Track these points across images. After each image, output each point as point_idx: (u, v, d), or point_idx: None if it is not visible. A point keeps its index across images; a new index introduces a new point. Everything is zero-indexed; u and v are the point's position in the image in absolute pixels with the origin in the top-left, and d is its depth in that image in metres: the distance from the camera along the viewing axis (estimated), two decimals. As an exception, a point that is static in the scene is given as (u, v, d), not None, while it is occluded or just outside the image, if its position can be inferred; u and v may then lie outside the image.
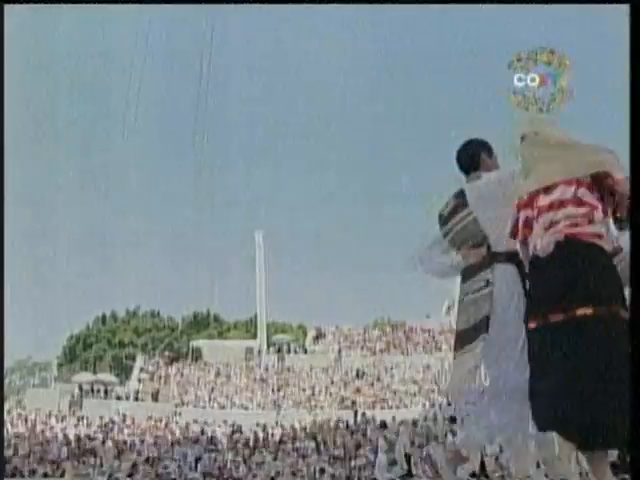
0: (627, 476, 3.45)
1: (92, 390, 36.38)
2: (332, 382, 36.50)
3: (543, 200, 3.39)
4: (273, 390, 36.21)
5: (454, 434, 15.67)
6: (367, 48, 47.22)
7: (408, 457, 16.80)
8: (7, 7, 3.84)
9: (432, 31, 49.49)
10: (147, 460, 24.04)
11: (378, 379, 36.39)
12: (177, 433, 28.52)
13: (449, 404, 31.56)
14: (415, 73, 56.08)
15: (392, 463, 15.71)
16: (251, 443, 26.02)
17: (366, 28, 45.29)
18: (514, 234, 3.50)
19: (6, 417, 27.27)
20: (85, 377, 39.49)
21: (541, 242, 3.30)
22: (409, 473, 16.06)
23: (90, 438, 27.09)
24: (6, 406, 29.05)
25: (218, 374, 38.42)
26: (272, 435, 27.93)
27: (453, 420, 16.95)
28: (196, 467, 23.17)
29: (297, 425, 29.06)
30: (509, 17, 35.74)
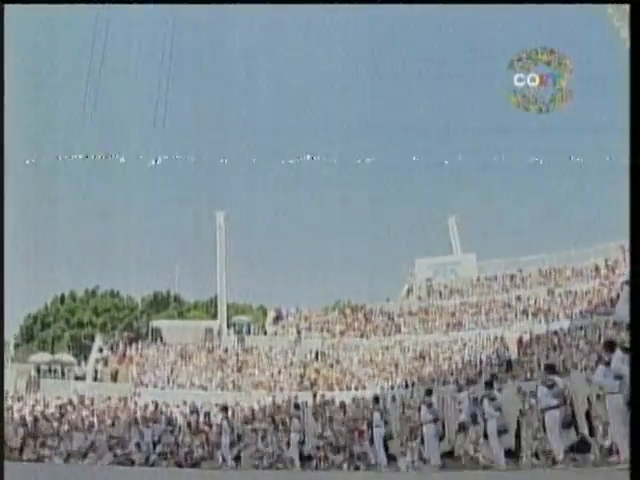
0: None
1: (50, 370, 36.12)
2: (291, 363, 36.74)
3: None
4: (232, 371, 36.32)
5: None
6: (366, 48, 47.10)
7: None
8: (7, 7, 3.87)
9: (432, 31, 49.40)
10: (105, 441, 24.03)
11: (337, 361, 36.72)
12: (136, 413, 28.49)
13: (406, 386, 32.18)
14: (414, 73, 55.99)
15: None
16: (210, 424, 26.11)
17: (365, 28, 45.20)
18: None
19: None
20: (43, 357, 39.14)
21: None
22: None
23: (47, 419, 26.93)
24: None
25: (178, 355, 38.39)
26: (232, 416, 28.06)
27: (429, 392, 17.28)
28: (154, 447, 23.21)
29: (256, 406, 29.26)
30: (509, 17, 35.90)
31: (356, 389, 33.06)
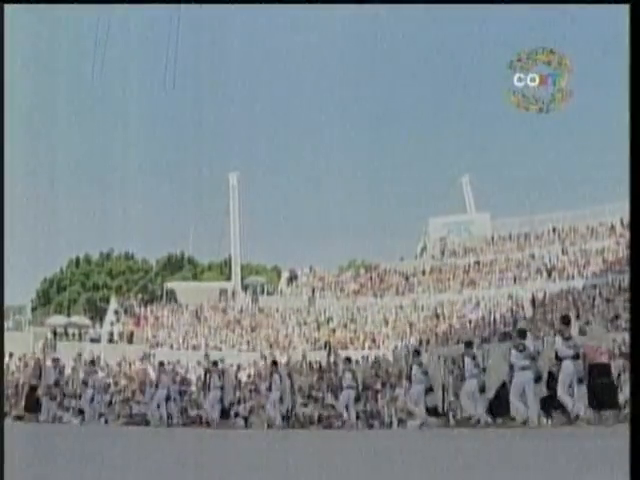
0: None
1: (66, 333, 36.41)
2: (305, 323, 36.82)
3: None
4: (247, 331, 36.47)
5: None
6: (367, 48, 46.66)
7: None
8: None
9: (432, 31, 49.04)
10: (121, 401, 24.25)
11: (351, 320, 36.75)
12: (151, 374, 28.68)
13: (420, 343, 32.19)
14: (416, 73, 55.74)
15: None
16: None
17: (366, 28, 44.69)
18: None
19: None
20: (59, 320, 39.43)
21: None
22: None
23: (64, 380, 27.15)
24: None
25: (192, 316, 38.56)
26: (248, 375, 28.24)
27: (417, 353, 17.40)
28: (169, 407, 23.35)
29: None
30: (509, 17, 35.32)
31: (370, 349, 33.11)
